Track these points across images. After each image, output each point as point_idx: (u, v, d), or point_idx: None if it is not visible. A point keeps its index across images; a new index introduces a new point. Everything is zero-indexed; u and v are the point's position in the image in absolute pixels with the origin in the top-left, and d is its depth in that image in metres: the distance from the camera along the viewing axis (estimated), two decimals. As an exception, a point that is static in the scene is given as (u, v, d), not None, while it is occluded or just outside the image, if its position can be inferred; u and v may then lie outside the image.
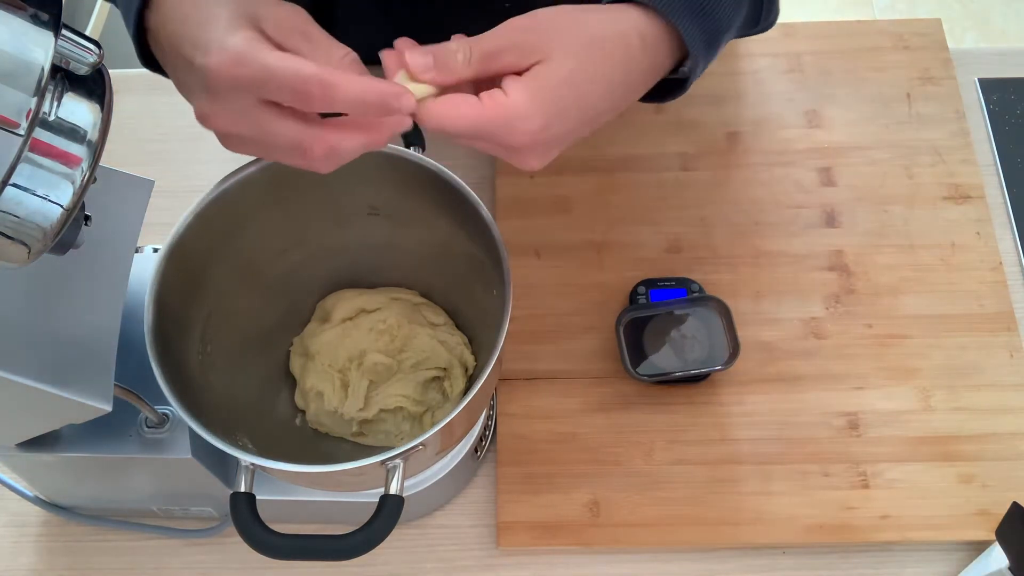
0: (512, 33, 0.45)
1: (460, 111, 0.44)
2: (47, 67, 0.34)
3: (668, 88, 0.52)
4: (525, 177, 0.79)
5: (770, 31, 0.85)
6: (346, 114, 0.43)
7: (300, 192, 0.61)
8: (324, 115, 0.44)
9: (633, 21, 0.46)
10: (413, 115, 0.44)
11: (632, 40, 0.47)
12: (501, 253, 0.55)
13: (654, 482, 0.68)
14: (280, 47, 0.42)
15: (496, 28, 0.45)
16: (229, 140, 0.45)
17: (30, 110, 0.34)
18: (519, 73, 0.44)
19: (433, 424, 0.51)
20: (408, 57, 0.43)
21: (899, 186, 0.78)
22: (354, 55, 0.44)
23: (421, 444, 0.51)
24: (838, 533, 0.65)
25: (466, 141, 0.45)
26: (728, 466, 0.68)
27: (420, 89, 0.44)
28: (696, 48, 0.48)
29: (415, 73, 0.43)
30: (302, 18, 0.44)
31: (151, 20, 0.47)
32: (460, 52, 0.43)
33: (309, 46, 0.42)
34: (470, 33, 0.45)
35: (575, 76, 0.45)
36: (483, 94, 0.44)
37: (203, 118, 0.44)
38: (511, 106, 0.44)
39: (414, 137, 0.60)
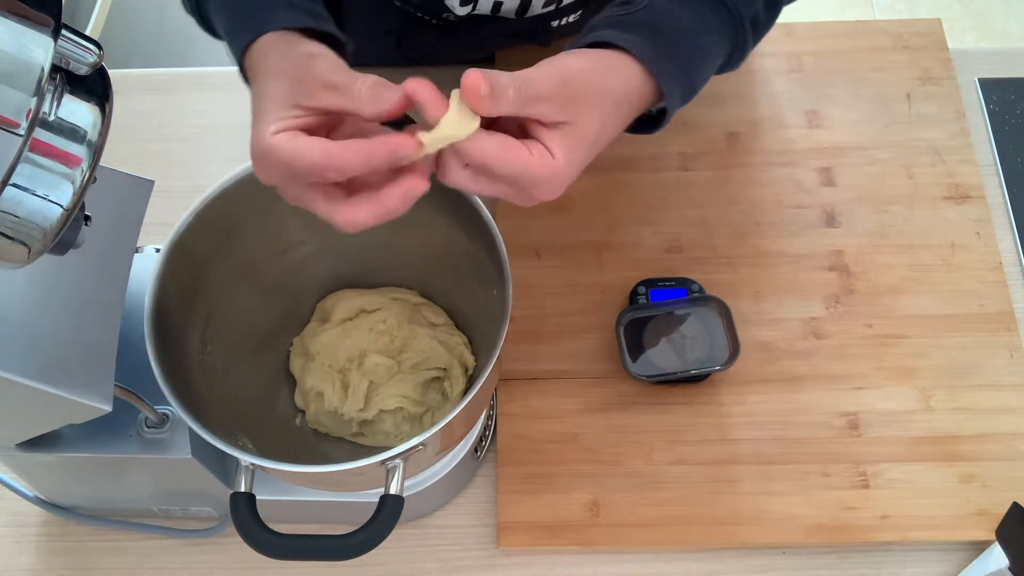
0: (551, 84, 0.46)
1: (510, 155, 0.46)
2: (47, 67, 0.34)
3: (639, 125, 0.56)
4: (525, 177, 0.79)
5: (770, 31, 0.85)
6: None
7: (300, 192, 0.61)
8: (395, 124, 0.47)
9: (635, 79, 0.50)
10: (462, 148, 0.45)
11: (634, 97, 0.51)
12: (501, 253, 0.55)
13: (654, 482, 0.68)
14: (315, 109, 0.47)
15: (535, 74, 0.46)
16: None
17: (30, 110, 0.34)
18: (545, 124, 0.47)
19: (433, 424, 0.51)
20: (471, 77, 0.44)
21: (899, 186, 0.78)
22: (371, 83, 0.46)
23: (421, 444, 0.51)
24: (838, 533, 0.65)
25: (492, 185, 0.47)
26: (728, 466, 0.68)
27: (446, 132, 0.45)
28: (673, 106, 0.53)
29: (473, 94, 0.44)
30: (326, 69, 0.47)
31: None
32: (512, 88, 0.45)
33: (334, 95, 0.46)
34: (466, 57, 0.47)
35: (599, 136, 0.48)
36: (528, 143, 0.46)
37: (258, 176, 0.49)
38: (554, 165, 0.46)
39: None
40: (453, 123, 0.44)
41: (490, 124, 0.46)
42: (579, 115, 0.47)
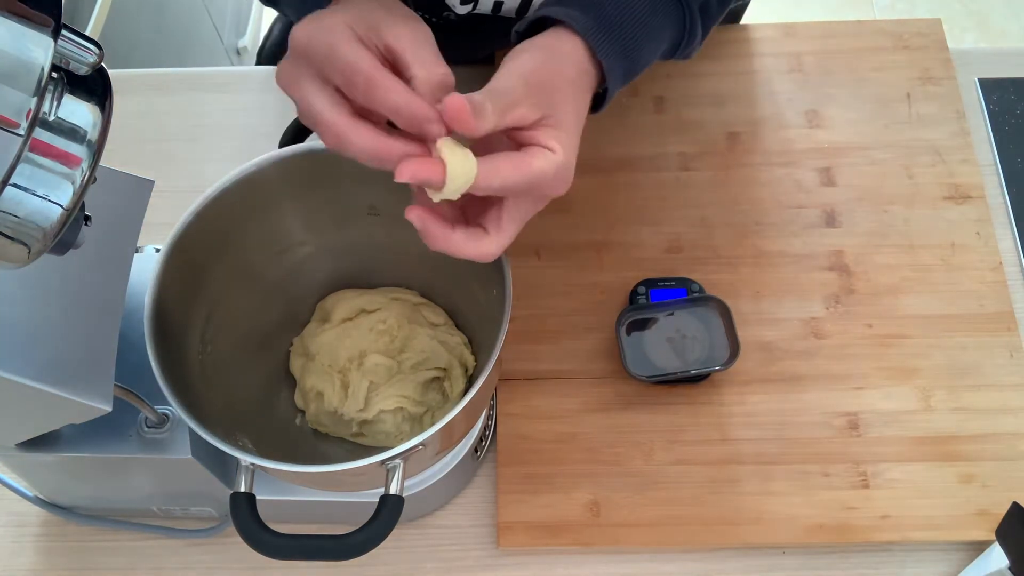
0: (516, 87, 0.47)
1: (522, 167, 0.46)
2: (47, 67, 0.34)
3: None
4: (525, 177, 0.79)
5: (770, 31, 0.86)
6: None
7: (300, 192, 0.61)
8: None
9: (580, 54, 0.52)
10: (474, 183, 0.45)
11: (584, 74, 0.52)
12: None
13: (654, 482, 0.68)
14: (392, 56, 0.46)
15: (497, 84, 0.47)
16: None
17: (30, 110, 0.34)
18: (527, 127, 0.47)
19: (433, 424, 0.51)
20: (456, 101, 0.44)
21: (899, 186, 0.78)
22: (444, 77, 0.46)
23: (421, 444, 0.51)
24: (838, 533, 0.65)
25: (515, 194, 0.48)
26: (728, 466, 0.68)
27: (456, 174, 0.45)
28: (614, 82, 0.54)
29: (462, 115, 0.44)
30: (420, 36, 0.47)
31: None
32: (487, 103, 0.45)
33: (416, 61, 0.46)
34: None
35: (578, 118, 0.50)
36: (530, 151, 0.47)
37: (276, 74, 0.48)
38: (557, 158, 0.47)
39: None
40: (459, 169, 0.44)
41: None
42: (553, 105, 0.48)
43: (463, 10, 0.71)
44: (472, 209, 0.50)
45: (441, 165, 0.44)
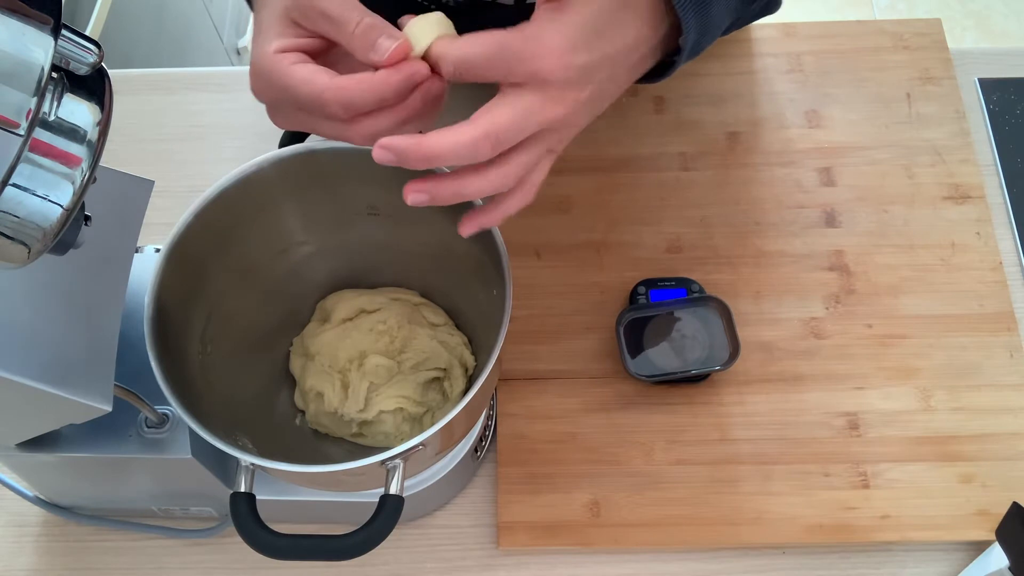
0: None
1: (482, 38, 0.44)
2: (47, 67, 0.34)
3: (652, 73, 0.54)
4: (525, 177, 0.79)
5: (770, 31, 0.86)
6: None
7: (300, 192, 0.61)
8: None
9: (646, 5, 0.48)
10: (433, 65, 0.45)
11: (644, 15, 0.48)
12: (501, 253, 0.55)
13: (654, 482, 0.68)
14: (313, 33, 0.46)
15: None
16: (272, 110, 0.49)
17: (30, 110, 0.34)
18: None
19: (433, 424, 0.51)
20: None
21: (899, 186, 0.78)
22: (365, 25, 0.45)
23: (421, 444, 0.51)
24: (838, 533, 0.65)
25: (489, 72, 0.45)
26: (728, 466, 0.68)
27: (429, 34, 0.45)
28: (689, 41, 0.50)
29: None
30: None
31: None
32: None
33: (330, 25, 0.45)
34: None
35: (599, 17, 0.45)
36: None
37: (253, 91, 0.49)
38: (534, 26, 0.45)
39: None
40: (422, 31, 0.45)
41: None
42: None
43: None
44: None
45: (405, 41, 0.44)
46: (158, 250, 0.58)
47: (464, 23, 0.76)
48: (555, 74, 0.45)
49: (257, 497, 0.52)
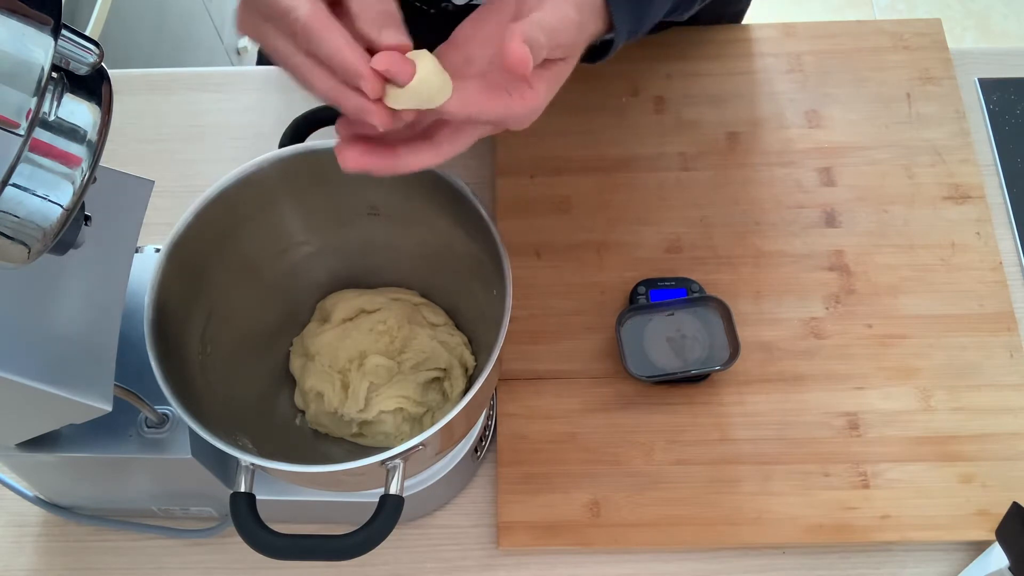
0: (569, 25, 0.46)
1: (497, 104, 0.45)
2: (47, 67, 0.34)
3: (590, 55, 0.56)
4: (525, 177, 0.79)
5: (770, 31, 0.86)
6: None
7: (300, 192, 0.61)
8: None
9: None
10: (446, 109, 0.44)
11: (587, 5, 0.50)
12: (501, 253, 0.55)
13: (654, 482, 0.68)
14: None
15: (551, 18, 0.45)
16: (243, 10, 0.47)
17: (30, 110, 0.34)
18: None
19: (433, 424, 0.51)
20: (518, 52, 0.43)
21: (899, 186, 0.78)
22: (381, 11, 0.44)
23: (421, 444, 0.51)
24: (838, 533, 0.65)
25: (479, 126, 0.47)
26: (728, 466, 0.68)
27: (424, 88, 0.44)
28: (620, 36, 0.52)
29: (521, 66, 0.43)
30: None
31: None
32: (543, 41, 0.44)
33: None
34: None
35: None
36: (512, 85, 0.46)
37: (236, 21, 0.47)
38: (534, 100, 0.46)
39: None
40: (431, 76, 0.43)
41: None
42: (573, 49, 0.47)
43: (461, 0, 0.71)
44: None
45: (411, 63, 0.43)
46: (158, 250, 0.58)
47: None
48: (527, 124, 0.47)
49: (257, 497, 0.52)
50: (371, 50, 0.43)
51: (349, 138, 0.46)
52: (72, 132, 0.38)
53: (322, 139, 0.58)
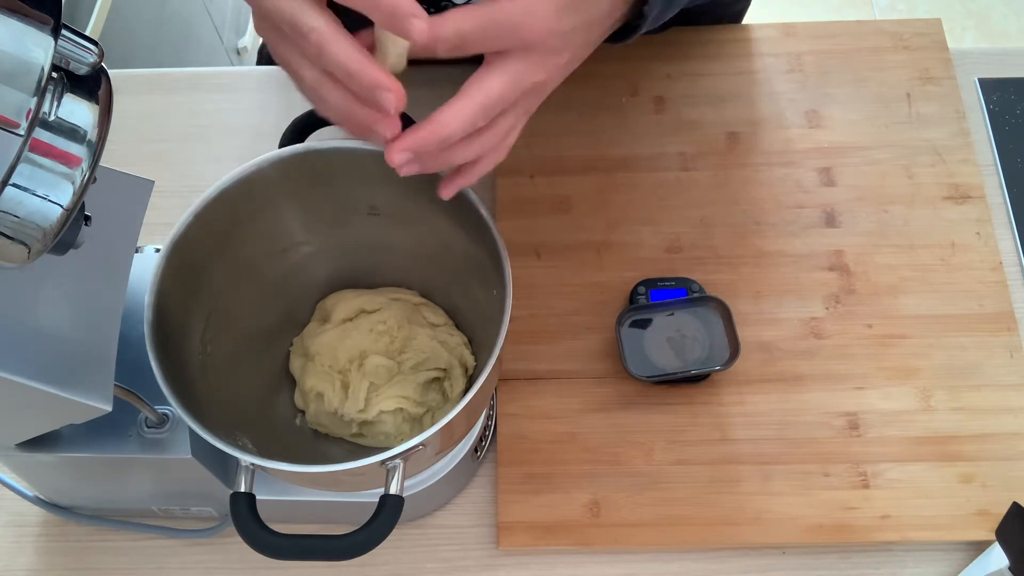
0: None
1: (473, 11, 0.44)
2: (47, 67, 0.34)
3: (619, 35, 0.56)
4: (525, 177, 0.79)
5: (770, 31, 0.86)
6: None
7: (300, 192, 0.61)
8: None
9: None
10: (425, 38, 0.44)
11: None
12: (501, 253, 0.55)
13: (654, 482, 0.68)
14: None
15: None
16: (257, 15, 0.48)
17: (30, 110, 0.34)
18: None
19: (433, 425, 0.51)
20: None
21: (899, 186, 0.78)
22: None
23: (421, 444, 0.51)
24: (838, 533, 0.65)
25: (484, 44, 0.46)
26: (728, 466, 0.68)
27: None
28: (653, 9, 0.52)
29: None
30: None
31: None
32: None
33: None
34: None
35: None
36: None
37: (255, 27, 0.48)
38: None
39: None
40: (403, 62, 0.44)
41: None
42: None
43: (462, 0, 0.71)
44: None
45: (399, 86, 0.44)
46: (158, 250, 0.58)
47: None
48: (542, 41, 0.46)
49: (257, 497, 0.52)
50: None
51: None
52: (72, 132, 0.38)
53: (322, 139, 0.58)
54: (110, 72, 0.40)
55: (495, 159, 0.52)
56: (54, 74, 0.37)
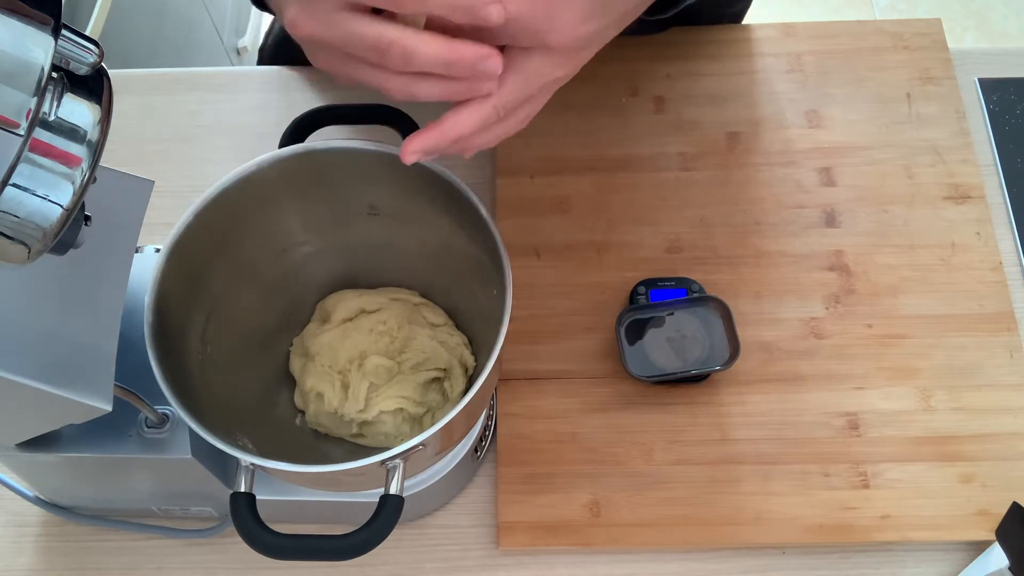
0: None
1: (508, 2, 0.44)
2: (47, 67, 0.34)
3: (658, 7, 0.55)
4: (525, 177, 0.79)
5: (770, 31, 0.86)
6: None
7: (300, 192, 0.61)
8: None
9: None
10: (503, 19, 0.43)
11: None
12: (501, 253, 0.55)
13: (654, 482, 0.68)
14: None
15: None
16: (314, 49, 0.47)
17: (30, 110, 0.34)
18: None
19: (433, 425, 0.51)
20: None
21: (899, 186, 0.78)
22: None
23: (421, 444, 0.51)
24: (838, 533, 0.65)
25: (500, 39, 0.45)
26: (728, 466, 0.68)
27: None
28: None
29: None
30: None
31: None
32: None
33: None
34: None
35: None
36: None
37: (291, 25, 0.45)
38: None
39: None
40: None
41: None
42: None
43: None
44: None
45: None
46: (158, 250, 0.58)
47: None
48: (565, 45, 0.46)
49: (257, 497, 0.52)
50: None
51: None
52: (72, 132, 0.38)
53: (322, 139, 0.58)
54: (110, 72, 0.40)
55: (514, 129, 0.51)
56: (54, 74, 0.37)
